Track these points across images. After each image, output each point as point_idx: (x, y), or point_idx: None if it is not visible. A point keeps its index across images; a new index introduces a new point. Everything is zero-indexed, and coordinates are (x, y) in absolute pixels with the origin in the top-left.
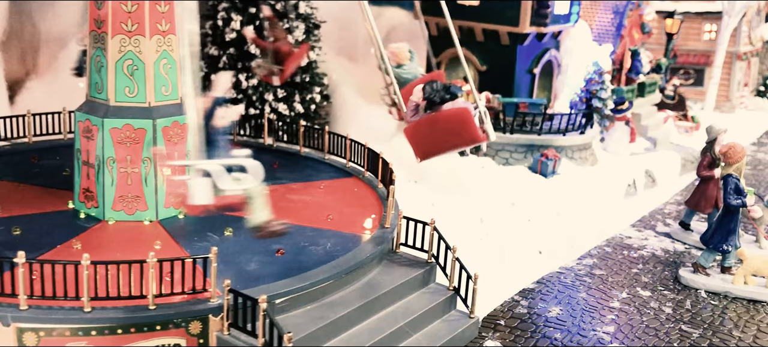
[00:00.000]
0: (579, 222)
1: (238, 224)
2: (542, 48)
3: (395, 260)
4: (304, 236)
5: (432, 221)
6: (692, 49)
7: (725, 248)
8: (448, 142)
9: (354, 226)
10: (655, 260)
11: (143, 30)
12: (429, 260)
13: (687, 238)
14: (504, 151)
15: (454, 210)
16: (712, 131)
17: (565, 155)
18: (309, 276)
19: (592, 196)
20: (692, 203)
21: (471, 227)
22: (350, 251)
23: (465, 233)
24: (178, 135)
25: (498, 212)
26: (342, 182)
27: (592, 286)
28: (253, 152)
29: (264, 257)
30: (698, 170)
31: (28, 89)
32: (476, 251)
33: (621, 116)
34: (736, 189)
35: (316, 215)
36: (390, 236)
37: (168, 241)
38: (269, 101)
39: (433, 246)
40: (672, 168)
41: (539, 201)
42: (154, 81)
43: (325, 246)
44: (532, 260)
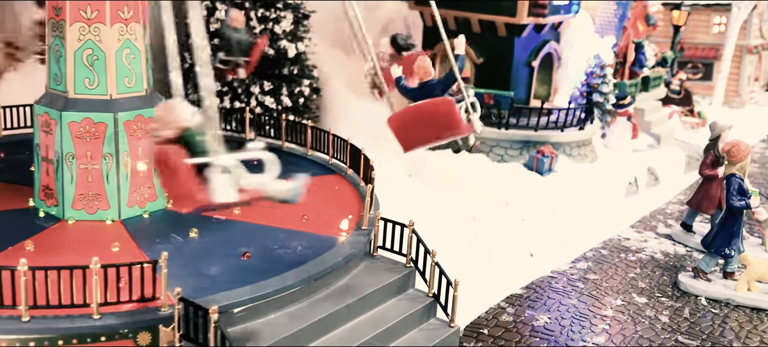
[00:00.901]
0: (575, 223)
1: (204, 225)
2: (541, 40)
3: (372, 264)
4: (274, 238)
5: (410, 224)
6: (700, 42)
7: (728, 253)
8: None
9: (330, 227)
10: (654, 263)
11: (103, 17)
12: (407, 264)
13: (688, 240)
14: (499, 147)
15: (447, 207)
16: (716, 128)
17: (563, 152)
18: (273, 283)
19: (591, 195)
20: (694, 203)
21: (462, 226)
22: (322, 254)
23: (455, 232)
24: (143, 130)
25: (491, 211)
26: (323, 179)
27: (584, 292)
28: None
29: (228, 261)
30: (701, 169)
31: (7, 80)
32: (464, 253)
33: (623, 112)
34: (739, 190)
35: (290, 216)
36: (367, 238)
37: (128, 243)
38: (256, 94)
39: (411, 250)
40: (676, 166)
41: (534, 200)
42: (115, 72)
43: (296, 249)
44: (522, 263)
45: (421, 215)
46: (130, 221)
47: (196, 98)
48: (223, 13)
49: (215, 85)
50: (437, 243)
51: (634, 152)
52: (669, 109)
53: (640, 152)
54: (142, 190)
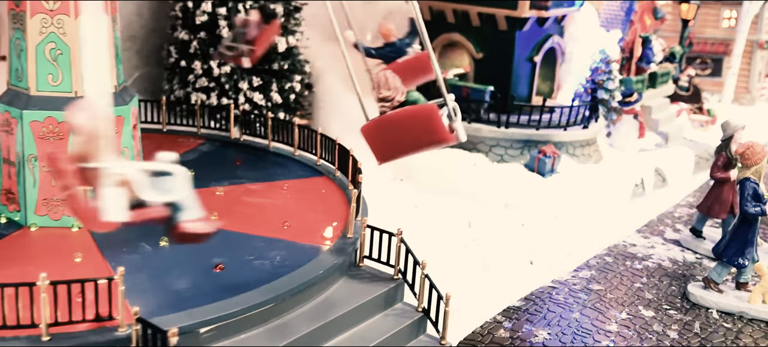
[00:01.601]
0: (578, 227)
1: None
2: (544, 34)
3: (357, 275)
4: (251, 248)
5: (399, 232)
6: (710, 36)
7: (741, 262)
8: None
9: (313, 235)
10: (662, 272)
11: (67, 8)
12: (395, 276)
13: (698, 247)
14: (498, 147)
15: (442, 212)
16: (729, 128)
17: (566, 152)
18: (245, 299)
19: (595, 197)
20: (705, 207)
21: (457, 232)
22: (302, 266)
23: (450, 238)
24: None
25: (489, 215)
26: (310, 182)
27: (587, 304)
28: (216, 146)
29: (199, 274)
30: (712, 172)
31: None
32: (459, 260)
33: (629, 109)
34: (754, 195)
35: (271, 222)
36: (352, 247)
37: (92, 252)
38: (244, 90)
39: (399, 260)
40: (685, 166)
41: (535, 203)
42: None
43: (274, 260)
44: (521, 271)
45: (413, 221)
46: None
47: (181, 94)
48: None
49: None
50: (430, 251)
51: (641, 151)
52: (677, 106)
53: (647, 151)
54: None
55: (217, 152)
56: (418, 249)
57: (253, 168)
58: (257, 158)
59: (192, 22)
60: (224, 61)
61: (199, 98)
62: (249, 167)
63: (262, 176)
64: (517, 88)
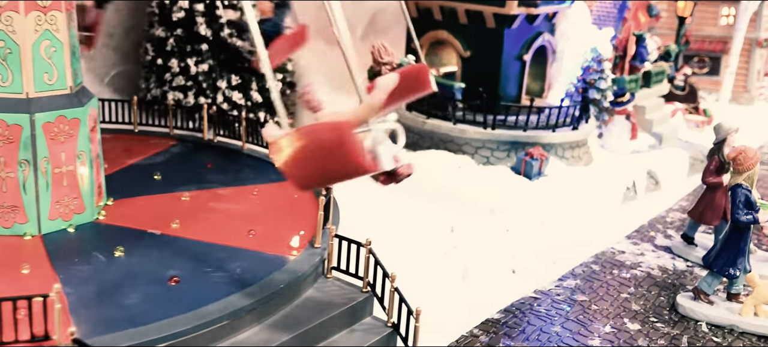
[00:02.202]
0: (565, 233)
1: (135, 242)
2: (534, 32)
3: (324, 288)
4: (212, 259)
5: (367, 243)
6: (707, 34)
7: (732, 273)
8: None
9: (279, 244)
10: (650, 281)
11: (17, 5)
12: (364, 289)
13: (690, 254)
14: (484, 149)
15: (423, 217)
16: (721, 130)
17: (554, 154)
18: (198, 315)
19: (584, 202)
20: (696, 213)
21: (438, 238)
22: (264, 278)
23: (429, 245)
24: (66, 133)
25: (473, 220)
26: (282, 186)
27: (570, 316)
28: (188, 147)
29: (152, 288)
30: (704, 176)
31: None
32: (438, 269)
33: (621, 110)
34: (746, 202)
35: (236, 231)
36: (319, 258)
37: (42, 263)
38: (222, 89)
39: (368, 272)
40: (679, 168)
41: (521, 207)
42: (32, 67)
43: (234, 272)
44: (503, 281)
45: (393, 226)
46: (51, 237)
47: (159, 93)
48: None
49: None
50: (408, 258)
51: (634, 153)
52: (672, 106)
53: (640, 153)
54: (67, 200)
55: (188, 154)
56: (396, 257)
57: (224, 171)
58: (230, 161)
59: (169, 19)
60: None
61: (176, 96)
62: (220, 171)
63: (233, 180)
64: (505, 87)
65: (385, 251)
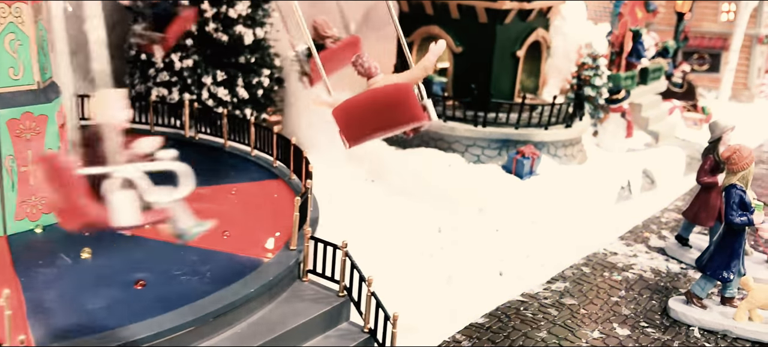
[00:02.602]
0: (556, 234)
1: (104, 243)
2: (528, 27)
3: (299, 292)
4: (183, 261)
5: (343, 245)
6: (707, 31)
7: (726, 276)
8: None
9: (254, 246)
10: (642, 284)
11: None
12: (340, 293)
13: (684, 255)
14: (475, 147)
15: (410, 217)
16: (717, 129)
17: (547, 152)
18: (163, 321)
19: (576, 201)
20: (691, 214)
21: (425, 239)
22: (235, 282)
23: (415, 246)
24: (33, 130)
25: (462, 220)
26: (263, 185)
27: (557, 321)
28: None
29: (118, 291)
30: (698, 176)
31: None
32: (423, 271)
33: (616, 107)
34: (740, 203)
35: (210, 232)
36: (295, 261)
37: (4, 266)
38: (207, 85)
39: (345, 276)
40: (675, 167)
41: (512, 207)
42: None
43: (205, 275)
44: (489, 283)
45: (380, 226)
46: (16, 238)
47: (143, 89)
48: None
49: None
50: (393, 260)
51: (629, 151)
52: (669, 103)
53: (636, 151)
54: (34, 200)
55: None
56: (379, 258)
57: (203, 170)
58: (210, 159)
59: (149, 12)
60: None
61: (160, 92)
62: (199, 169)
63: (212, 178)
64: (498, 84)
65: (368, 252)
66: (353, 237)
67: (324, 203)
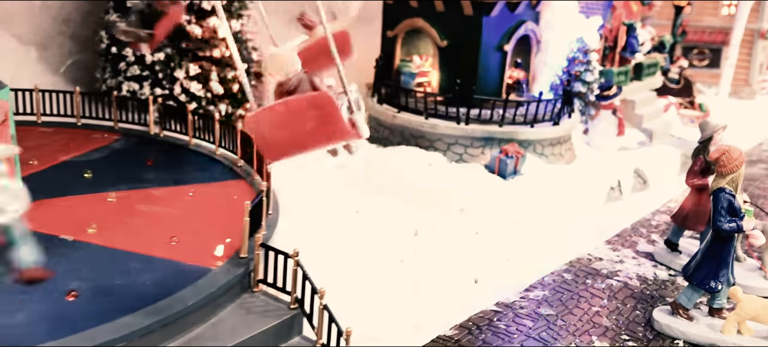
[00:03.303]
0: (538, 238)
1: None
2: (516, 20)
3: (248, 304)
4: (122, 269)
5: (294, 253)
6: (708, 25)
7: (713, 286)
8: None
9: (202, 254)
10: (627, 293)
11: None
12: (292, 306)
13: (673, 261)
14: (457, 145)
15: (386, 218)
16: (708, 128)
17: (533, 151)
18: (90, 337)
19: (562, 202)
20: (680, 218)
21: (400, 243)
22: (176, 293)
23: (387, 251)
24: None
25: (441, 222)
26: (224, 186)
27: (531, 334)
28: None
29: (44, 304)
30: (687, 178)
31: None
32: (393, 277)
33: (607, 104)
34: (729, 208)
35: (157, 237)
36: (244, 270)
37: None
38: (180, 79)
39: (296, 287)
40: (669, 167)
41: (493, 209)
42: None
43: (145, 284)
44: (463, 291)
45: (350, 230)
46: None
47: (114, 83)
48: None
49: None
50: (360, 266)
51: (621, 150)
52: (665, 100)
53: (629, 150)
54: None
55: (130, 149)
56: (347, 264)
57: (164, 169)
58: (173, 158)
59: (124, 5)
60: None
61: (131, 87)
62: (160, 168)
63: (171, 178)
64: (485, 79)
65: (335, 257)
66: (321, 241)
67: (293, 204)
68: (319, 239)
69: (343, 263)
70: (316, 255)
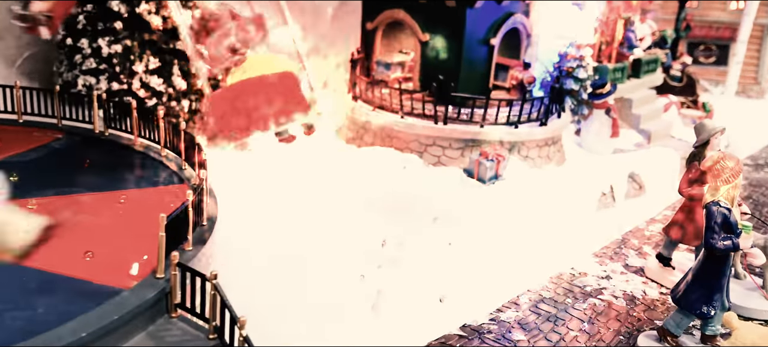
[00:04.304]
0: (518, 250)
1: None
2: (503, 12)
3: (161, 332)
4: (17, 290)
5: (212, 276)
6: (715, 20)
7: (706, 311)
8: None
9: (117, 272)
10: (611, 315)
11: None
12: (211, 336)
13: (665, 278)
14: (435, 147)
15: (350, 228)
16: (704, 131)
17: (518, 153)
18: None
19: (548, 210)
20: (673, 231)
21: (364, 255)
22: (72, 320)
23: (349, 264)
24: None
25: (412, 232)
26: (163, 192)
27: None
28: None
29: None
30: (681, 186)
31: None
32: (350, 297)
33: (600, 103)
34: (724, 224)
35: (70, 251)
36: (160, 292)
37: None
38: (139, 73)
39: (216, 313)
40: (667, 171)
41: (471, 217)
42: None
43: (36, 310)
44: (426, 312)
45: (309, 240)
46: None
47: (69, 77)
48: None
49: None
50: (313, 282)
51: (617, 153)
52: (666, 99)
53: (625, 153)
54: None
55: (69, 149)
56: (299, 281)
57: (100, 172)
58: (114, 159)
59: None
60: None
61: (87, 81)
62: (96, 171)
63: (106, 183)
64: (469, 75)
65: (286, 272)
66: (270, 253)
67: (240, 210)
68: (267, 250)
69: (293, 279)
70: (262, 269)
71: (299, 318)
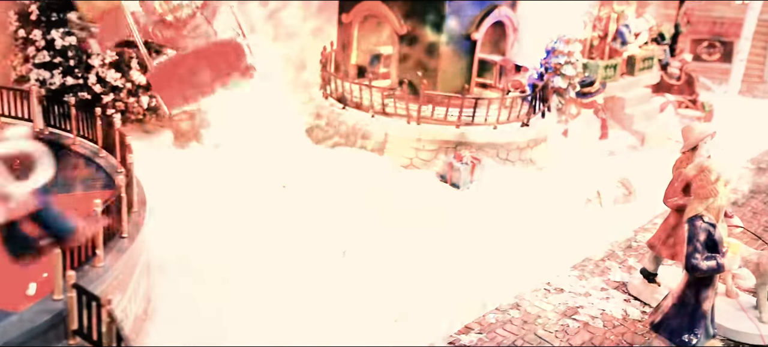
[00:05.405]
0: (489, 262)
1: None
2: (487, 5)
3: None
4: None
5: (105, 301)
6: (719, 15)
7: (687, 340)
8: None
9: (13, 291)
10: (584, 337)
11: None
12: None
13: (649, 296)
14: (407, 148)
15: (311, 235)
16: (691, 136)
17: (497, 156)
18: None
19: (525, 218)
20: (657, 244)
21: (319, 267)
22: None
23: (300, 277)
24: None
25: (376, 241)
26: (90, 197)
27: None
28: None
29: None
30: (666, 197)
31: None
32: (296, 315)
33: (588, 102)
34: (707, 243)
35: None
36: (54, 316)
37: None
38: (95, 67)
39: (112, 340)
40: (660, 175)
41: (441, 226)
42: None
43: None
44: (376, 335)
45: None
46: None
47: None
48: None
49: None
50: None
51: (607, 155)
52: (662, 98)
53: (615, 155)
54: None
55: None
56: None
57: (27, 175)
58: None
59: None
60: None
61: (41, 75)
62: (21, 174)
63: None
64: (448, 72)
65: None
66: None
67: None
68: (210, 258)
69: (236, 296)
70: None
71: (240, 332)
